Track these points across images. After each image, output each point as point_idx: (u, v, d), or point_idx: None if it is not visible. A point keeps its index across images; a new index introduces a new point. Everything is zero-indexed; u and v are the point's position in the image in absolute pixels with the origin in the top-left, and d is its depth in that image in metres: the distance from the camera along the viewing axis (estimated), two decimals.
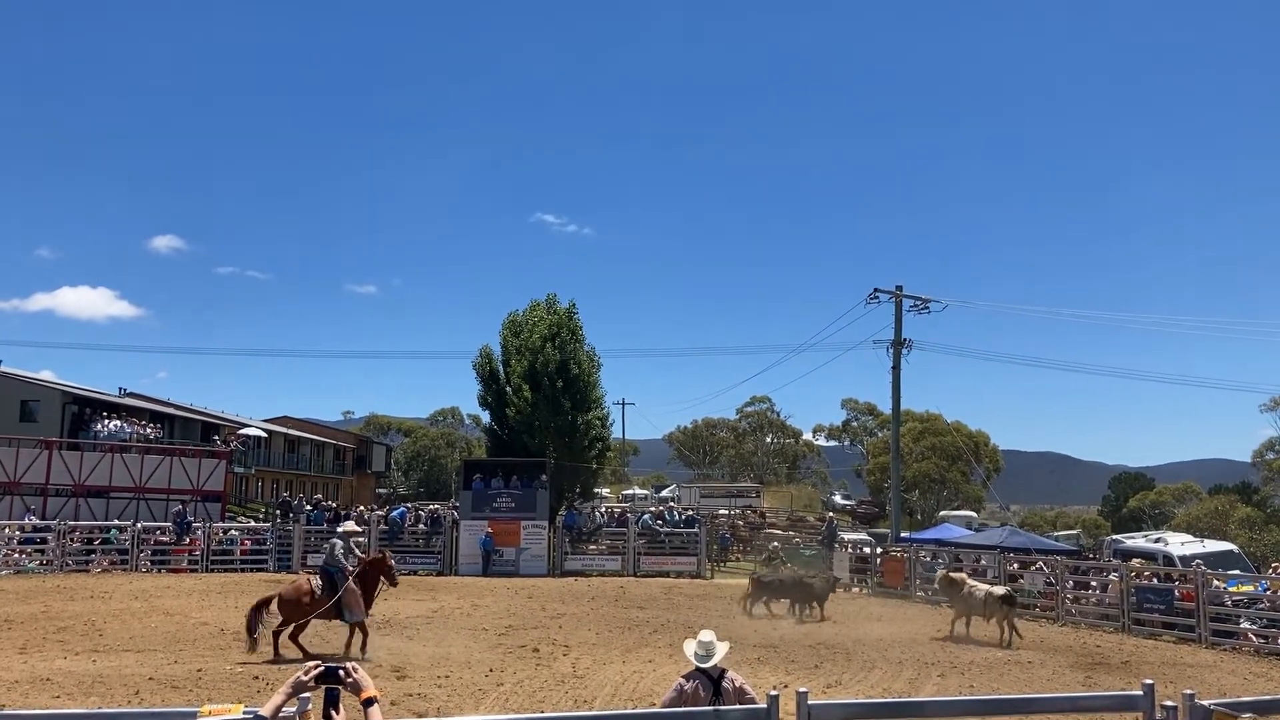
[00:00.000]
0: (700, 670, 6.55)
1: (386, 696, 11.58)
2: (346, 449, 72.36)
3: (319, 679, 4.02)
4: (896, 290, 37.93)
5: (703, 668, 6.55)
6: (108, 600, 21.75)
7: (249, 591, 23.88)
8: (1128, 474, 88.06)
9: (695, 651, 6.64)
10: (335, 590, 15.21)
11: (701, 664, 6.55)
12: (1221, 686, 14.27)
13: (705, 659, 6.57)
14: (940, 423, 69.12)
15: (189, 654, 14.97)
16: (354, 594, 15.32)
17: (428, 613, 20.29)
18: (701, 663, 6.56)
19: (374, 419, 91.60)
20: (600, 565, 31.47)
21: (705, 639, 6.69)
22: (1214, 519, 57.22)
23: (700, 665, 6.56)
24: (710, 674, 6.53)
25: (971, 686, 13.82)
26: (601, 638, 17.74)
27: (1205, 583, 20.23)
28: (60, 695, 11.82)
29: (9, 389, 43.91)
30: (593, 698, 12.49)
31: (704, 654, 6.60)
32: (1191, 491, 73.26)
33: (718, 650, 6.62)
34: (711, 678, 6.52)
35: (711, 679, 6.51)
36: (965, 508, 63.34)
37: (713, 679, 6.51)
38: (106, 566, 29.11)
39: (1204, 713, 6.05)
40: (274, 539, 31.17)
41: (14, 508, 31.85)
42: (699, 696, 6.45)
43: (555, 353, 41.09)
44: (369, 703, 3.92)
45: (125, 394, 52.43)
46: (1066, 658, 16.99)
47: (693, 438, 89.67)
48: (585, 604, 22.47)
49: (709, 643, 6.65)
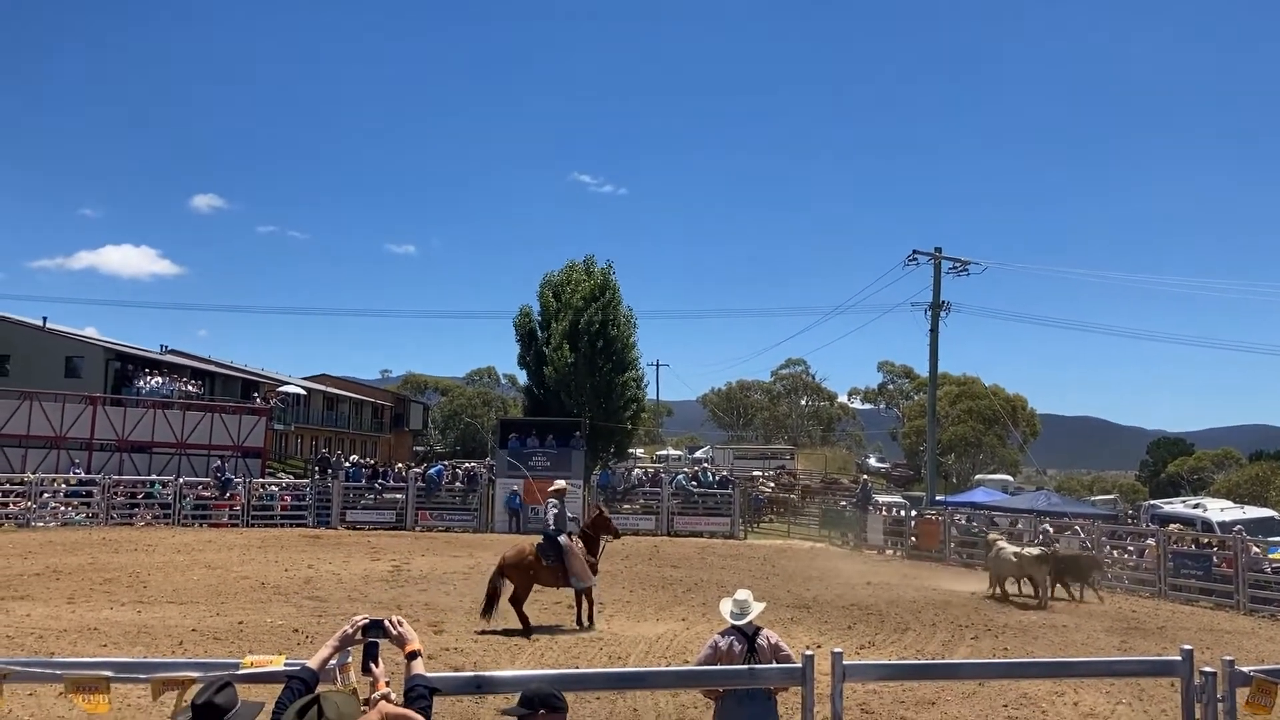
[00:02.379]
0: (735, 628, 6.60)
1: (424, 651, 11.74)
2: (384, 407, 72.99)
3: (365, 631, 4.08)
4: (935, 252, 37.52)
5: (738, 625, 6.60)
6: (151, 553, 22.17)
7: (289, 546, 24.28)
8: (1167, 439, 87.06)
9: (731, 610, 6.69)
10: (560, 556, 14.07)
11: (736, 621, 6.60)
12: (1260, 653, 14.14)
13: (740, 617, 6.62)
14: (978, 386, 68.61)
15: (230, 606, 15.23)
16: (579, 559, 14.13)
17: (464, 569, 20.50)
18: (736, 620, 6.61)
19: (411, 378, 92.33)
20: (634, 525, 31.64)
21: (741, 597, 6.74)
22: (1254, 485, 56.54)
23: (735, 623, 6.61)
24: (745, 631, 6.58)
25: (1005, 649, 13.79)
26: (635, 596, 17.86)
27: (1244, 549, 20.03)
28: (107, 644, 12.09)
29: (54, 346, 44.64)
30: (626, 655, 12.58)
31: (739, 612, 6.66)
32: (1231, 457, 72.38)
33: (753, 609, 6.67)
34: (746, 635, 6.57)
35: (746, 636, 6.56)
36: (1001, 471, 62.93)
37: (748, 636, 6.56)
38: (150, 520, 29.67)
39: (1244, 678, 5.99)
40: (313, 495, 31.60)
41: (60, 462, 32.48)
42: (733, 653, 6.50)
43: (597, 313, 41.11)
44: (413, 656, 3.98)
45: (166, 351, 53.16)
46: (1102, 622, 16.90)
47: (727, 399, 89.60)
48: (619, 562, 22.60)
49: (744, 601, 6.70)
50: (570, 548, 14.13)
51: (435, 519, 31.46)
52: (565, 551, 14.07)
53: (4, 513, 28.56)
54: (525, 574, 14.04)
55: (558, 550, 14.09)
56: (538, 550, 14.11)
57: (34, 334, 45.27)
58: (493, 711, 8.71)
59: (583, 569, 14.08)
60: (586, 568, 14.15)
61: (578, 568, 14.04)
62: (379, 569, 20.47)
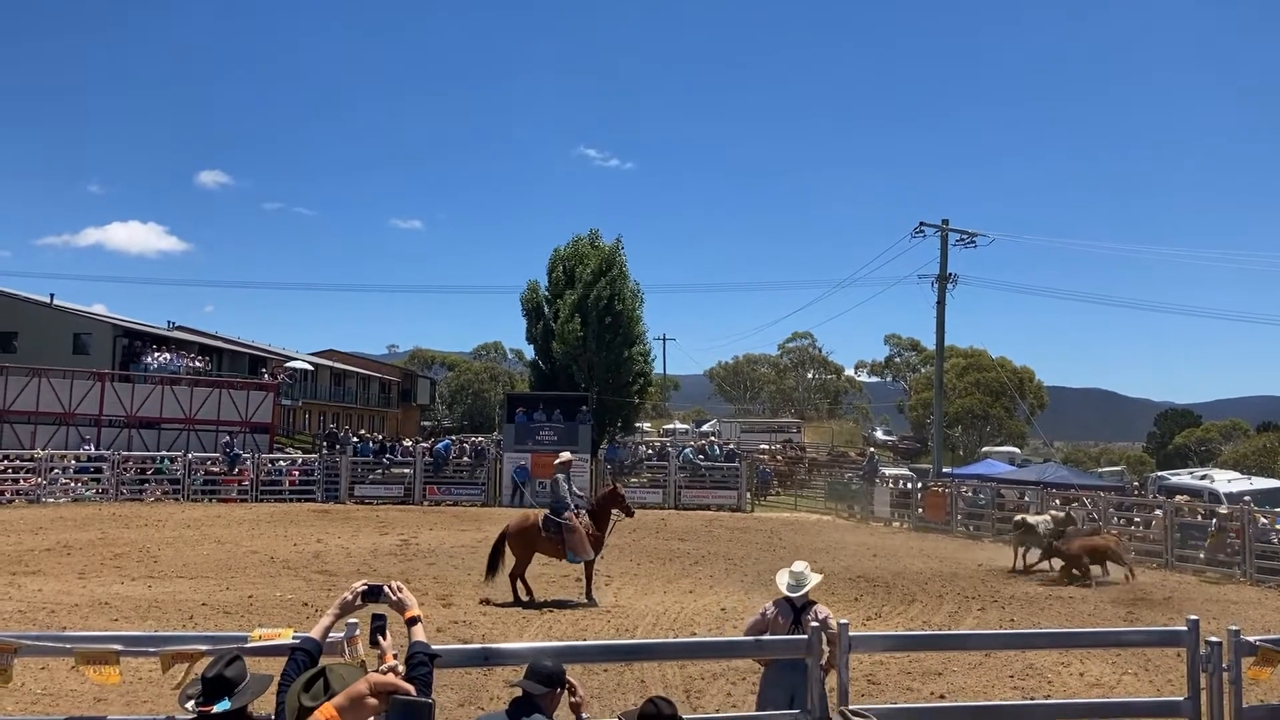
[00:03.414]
0: (786, 599, 6.70)
1: (432, 624, 11.81)
2: (392, 382, 73.10)
3: (364, 597, 4.11)
4: (942, 224, 37.32)
5: (790, 597, 6.68)
6: (161, 528, 22.29)
7: (298, 521, 24.40)
8: (1174, 410, 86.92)
9: (787, 582, 6.79)
10: (560, 530, 14.24)
11: (791, 594, 6.69)
12: (1266, 623, 14.16)
13: (796, 589, 6.71)
14: (985, 358, 68.45)
15: (240, 581, 15.32)
16: (578, 534, 14.22)
17: (472, 542, 20.57)
18: (792, 592, 6.70)
19: (418, 353, 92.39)
20: (642, 498, 31.69)
21: (797, 569, 6.83)
22: (1262, 456, 56.45)
23: (789, 595, 6.69)
24: (794, 604, 6.67)
25: (1012, 620, 13.83)
26: (643, 568, 17.93)
27: (1251, 520, 20.02)
28: (118, 618, 12.17)
29: (62, 322, 44.70)
30: (634, 627, 12.65)
31: (795, 584, 6.75)
32: (1239, 429, 72.25)
33: (809, 581, 6.76)
34: (795, 607, 6.66)
35: (794, 608, 6.65)
36: (1008, 444, 62.89)
37: (795, 608, 6.65)
38: (159, 496, 29.81)
39: (1249, 648, 6.01)
40: (321, 470, 31.71)
41: (69, 438, 32.62)
42: (779, 623, 6.63)
43: (605, 288, 41.05)
44: (413, 621, 4.01)
45: (174, 327, 53.21)
46: (1108, 593, 16.93)
47: (733, 373, 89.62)
48: (627, 535, 22.65)
49: (800, 573, 6.79)
50: (570, 523, 14.27)
51: (443, 493, 31.57)
52: (565, 527, 14.25)
53: (15, 489, 28.71)
54: (527, 544, 14.33)
55: (558, 524, 14.30)
56: (542, 522, 14.36)
57: (42, 311, 45.32)
58: (501, 683, 8.77)
59: (580, 544, 14.22)
60: (585, 543, 14.27)
61: (575, 543, 14.21)
62: (387, 543, 20.58)
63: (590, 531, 14.44)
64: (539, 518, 14.52)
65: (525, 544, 14.33)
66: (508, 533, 14.43)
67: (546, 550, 14.46)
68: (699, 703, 8.84)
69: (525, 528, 14.39)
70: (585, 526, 14.42)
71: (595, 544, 14.47)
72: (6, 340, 43.50)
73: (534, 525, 14.36)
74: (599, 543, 14.58)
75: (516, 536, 14.34)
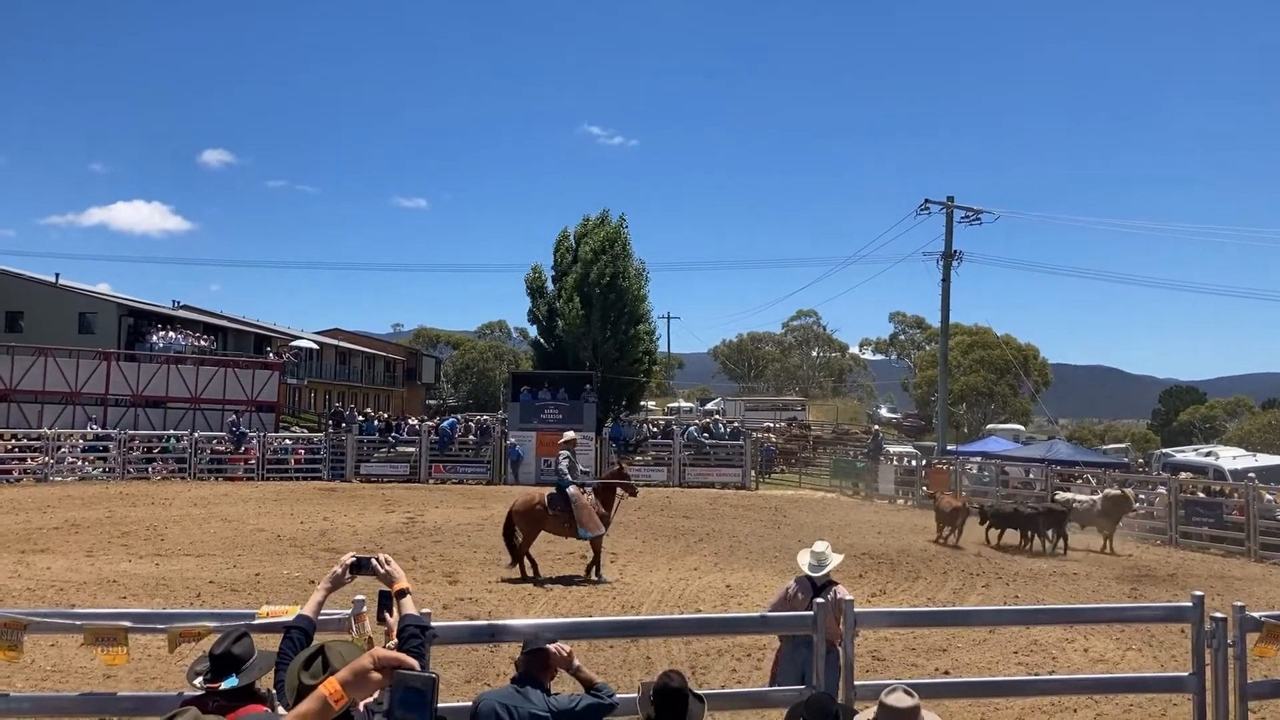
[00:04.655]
0: (808, 578, 6.82)
1: (439, 601, 11.87)
2: (397, 361, 73.20)
3: (353, 570, 4.13)
4: (947, 201, 37.21)
5: (811, 576, 6.81)
6: (168, 507, 22.37)
7: (304, 500, 24.48)
8: (1179, 388, 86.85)
9: (809, 562, 6.91)
10: (567, 506, 14.29)
11: (813, 574, 6.82)
12: (1271, 599, 14.19)
13: (817, 569, 6.84)
14: (989, 336, 68.36)
15: (246, 559, 15.39)
16: (587, 509, 14.29)
17: (478, 520, 20.64)
18: (814, 572, 6.83)
19: (423, 332, 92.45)
20: (647, 476, 31.76)
21: (819, 549, 6.96)
22: (1266, 433, 56.49)
23: (811, 575, 6.82)
24: (815, 582, 6.79)
25: (1016, 597, 13.86)
26: (648, 546, 17.97)
27: (1255, 496, 20.02)
28: (126, 596, 12.25)
29: (67, 302, 44.78)
30: (639, 603, 12.70)
31: (816, 564, 6.88)
32: (1243, 405, 72.26)
33: (830, 561, 6.88)
34: (815, 586, 6.76)
35: (815, 587, 6.76)
36: (1013, 421, 62.91)
37: (815, 587, 6.75)
38: (166, 474, 29.93)
39: (1254, 624, 6.02)
40: (327, 449, 31.79)
41: (75, 417, 32.72)
42: (798, 600, 6.74)
43: (609, 266, 40.99)
44: (401, 594, 4.03)
45: (179, 306, 53.29)
46: (1112, 570, 16.97)
47: (738, 351, 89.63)
48: (632, 513, 22.70)
49: (821, 553, 6.92)
50: (578, 499, 14.34)
51: (449, 472, 31.64)
52: (573, 502, 14.30)
53: (22, 468, 28.82)
54: (533, 522, 14.41)
55: (565, 501, 14.34)
56: (548, 500, 14.43)
57: (47, 290, 45.38)
58: (507, 659, 8.80)
59: (590, 519, 14.25)
60: (595, 518, 14.32)
61: (585, 518, 14.23)
62: (393, 521, 20.64)
63: (596, 509, 14.51)
64: (543, 496, 14.60)
65: (532, 522, 14.43)
66: (514, 511, 14.56)
67: (553, 528, 14.52)
68: (704, 678, 8.88)
69: (531, 506, 14.49)
70: (593, 504, 14.50)
71: (602, 521, 14.52)
72: (12, 320, 43.60)
73: (539, 503, 14.44)
74: (605, 520, 14.63)
75: (523, 515, 14.46)
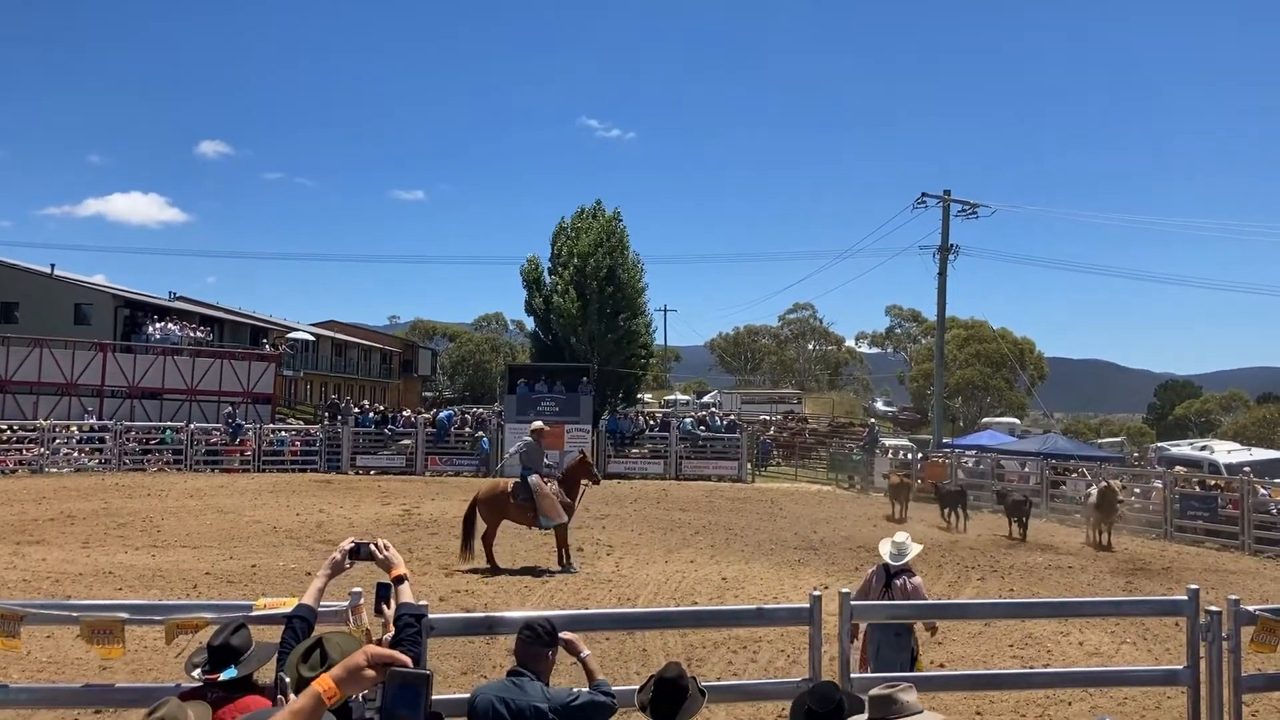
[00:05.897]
0: (884, 565, 7.15)
1: (435, 593, 11.88)
2: (393, 353, 73.13)
3: (351, 555, 4.13)
4: (944, 195, 37.16)
5: (889, 564, 7.10)
6: (164, 498, 22.36)
7: (300, 491, 24.46)
8: (1174, 382, 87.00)
9: (890, 551, 7.18)
10: (531, 495, 14.40)
11: (894, 562, 7.08)
12: (1265, 593, 14.22)
13: (898, 557, 7.11)
14: (985, 329, 68.42)
15: (243, 550, 15.39)
16: (549, 498, 14.40)
17: None
18: (895, 561, 7.09)
19: (419, 324, 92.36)
20: (643, 469, 31.77)
21: (899, 539, 7.24)
22: (1262, 427, 56.63)
23: (892, 562, 7.09)
24: (889, 570, 7.10)
25: (1012, 590, 13.89)
26: (644, 538, 17.98)
27: (1250, 490, 20.07)
28: (122, 587, 12.25)
29: (63, 293, 44.67)
30: (636, 596, 12.71)
31: (896, 553, 7.14)
32: (1239, 399, 72.39)
33: (910, 551, 7.16)
34: (889, 573, 7.09)
35: (888, 574, 7.09)
36: (1009, 415, 62.94)
37: (889, 574, 7.08)
38: (162, 466, 29.91)
39: (1249, 617, 6.03)
40: (323, 441, 31.77)
41: (72, 408, 32.69)
42: (872, 586, 7.15)
43: (605, 258, 40.93)
44: (399, 580, 4.03)
45: (175, 298, 53.16)
46: (1107, 563, 17.01)
47: (734, 344, 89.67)
48: (628, 506, 22.74)
49: (901, 543, 7.19)
50: (539, 488, 14.46)
51: (445, 464, 31.63)
52: (535, 491, 14.44)
53: (18, 459, 28.80)
54: (497, 510, 14.59)
55: (528, 490, 14.48)
56: (512, 489, 14.58)
57: (42, 281, 45.27)
58: (504, 651, 8.81)
59: (552, 508, 14.39)
60: (558, 507, 14.46)
61: (546, 507, 14.39)
62: (390, 513, 20.65)
63: (560, 499, 14.65)
64: (509, 485, 14.74)
65: (496, 510, 14.60)
66: (478, 499, 14.70)
67: (517, 517, 14.68)
68: (700, 670, 8.89)
69: (495, 495, 14.66)
70: (556, 494, 14.61)
71: (566, 510, 14.67)
72: (8, 311, 43.50)
73: (504, 492, 14.61)
74: (569, 509, 14.78)
75: (486, 503, 14.62)
